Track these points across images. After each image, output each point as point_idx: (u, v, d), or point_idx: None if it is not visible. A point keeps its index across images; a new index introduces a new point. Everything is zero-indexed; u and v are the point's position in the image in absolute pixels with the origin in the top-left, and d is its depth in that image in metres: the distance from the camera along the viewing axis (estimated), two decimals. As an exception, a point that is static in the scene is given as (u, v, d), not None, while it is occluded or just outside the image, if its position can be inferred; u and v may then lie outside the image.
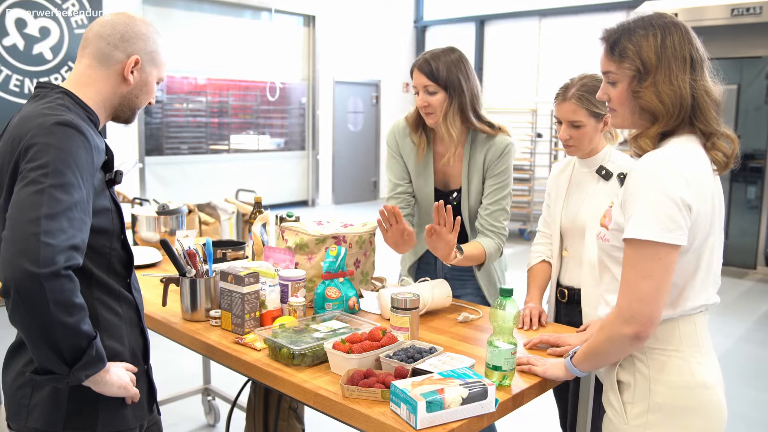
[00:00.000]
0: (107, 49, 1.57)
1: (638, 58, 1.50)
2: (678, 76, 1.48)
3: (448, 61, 2.35)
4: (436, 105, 2.36)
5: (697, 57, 1.51)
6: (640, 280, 1.43)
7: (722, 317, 5.65)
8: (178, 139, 9.75)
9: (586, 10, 10.36)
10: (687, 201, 1.43)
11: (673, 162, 1.46)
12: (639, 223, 1.43)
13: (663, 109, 1.50)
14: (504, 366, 1.63)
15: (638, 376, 1.57)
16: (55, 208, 1.31)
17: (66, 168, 1.36)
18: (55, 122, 1.40)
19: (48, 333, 1.30)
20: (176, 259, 2.09)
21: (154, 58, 1.63)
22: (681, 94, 1.49)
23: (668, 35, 1.50)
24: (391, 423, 1.43)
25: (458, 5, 11.94)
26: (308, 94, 11.33)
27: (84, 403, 1.48)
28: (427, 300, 2.18)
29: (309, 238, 2.24)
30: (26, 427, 1.49)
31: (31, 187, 1.32)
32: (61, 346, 1.32)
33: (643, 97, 1.51)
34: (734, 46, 7.33)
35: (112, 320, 1.56)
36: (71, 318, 1.31)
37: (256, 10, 10.28)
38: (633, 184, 1.47)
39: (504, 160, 2.42)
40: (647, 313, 1.43)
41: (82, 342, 1.35)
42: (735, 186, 7.49)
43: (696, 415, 1.53)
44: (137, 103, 1.65)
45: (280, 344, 1.75)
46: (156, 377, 1.75)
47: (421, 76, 2.36)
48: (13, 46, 6.34)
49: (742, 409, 3.92)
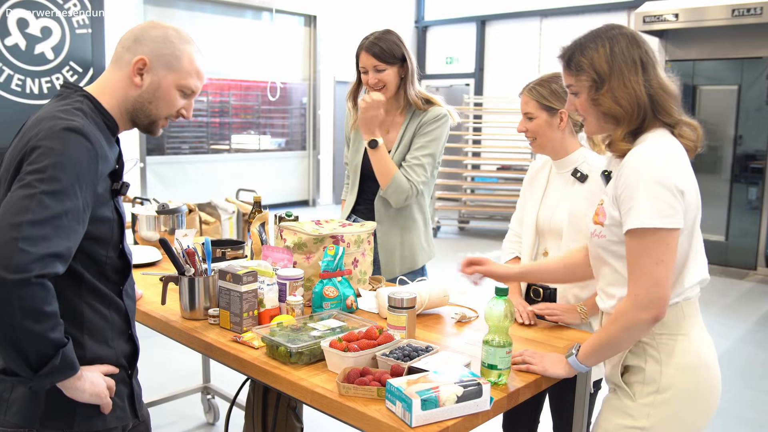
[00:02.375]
0: (121, 52, 1.57)
1: (592, 69, 1.63)
2: (631, 79, 1.61)
3: (391, 40, 2.65)
4: (388, 80, 2.64)
5: (646, 58, 1.63)
6: (653, 266, 1.53)
7: (722, 318, 5.66)
8: (179, 138, 9.76)
9: (588, 11, 10.36)
10: (680, 187, 1.54)
11: (662, 152, 1.57)
12: (641, 213, 1.53)
13: (622, 111, 1.62)
14: (499, 365, 1.64)
15: (649, 360, 1.66)
16: (42, 214, 1.30)
17: (64, 175, 1.35)
18: (64, 127, 1.39)
19: (13, 337, 1.29)
20: (175, 258, 2.10)
21: (170, 62, 1.57)
22: (636, 95, 1.61)
23: (616, 44, 1.62)
24: (386, 421, 1.45)
25: (459, 5, 11.94)
26: (309, 94, 11.33)
27: (61, 403, 1.47)
28: (424, 299, 2.19)
29: (307, 238, 2.26)
30: (5, 420, 1.49)
31: (24, 191, 1.32)
32: (26, 352, 1.31)
33: (602, 103, 1.63)
34: (735, 47, 7.34)
35: (99, 324, 1.55)
36: (38, 326, 1.30)
37: (257, 10, 10.29)
38: (627, 177, 1.57)
39: (432, 125, 2.67)
40: (663, 295, 1.54)
41: (49, 350, 1.33)
42: (736, 187, 7.49)
43: (697, 395, 1.66)
44: (152, 109, 1.59)
45: (278, 342, 1.76)
46: (155, 376, 1.76)
47: (370, 57, 2.64)
48: (14, 45, 6.36)
49: (742, 411, 3.92)
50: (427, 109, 2.70)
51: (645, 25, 7.51)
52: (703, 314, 1.74)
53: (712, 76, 7.57)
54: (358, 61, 2.70)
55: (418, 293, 2.12)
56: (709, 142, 7.66)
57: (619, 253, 1.65)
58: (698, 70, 7.61)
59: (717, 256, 7.57)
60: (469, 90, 11.71)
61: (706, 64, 7.57)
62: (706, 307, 5.94)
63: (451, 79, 12.04)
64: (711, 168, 7.69)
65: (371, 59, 2.63)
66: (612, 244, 1.66)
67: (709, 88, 7.61)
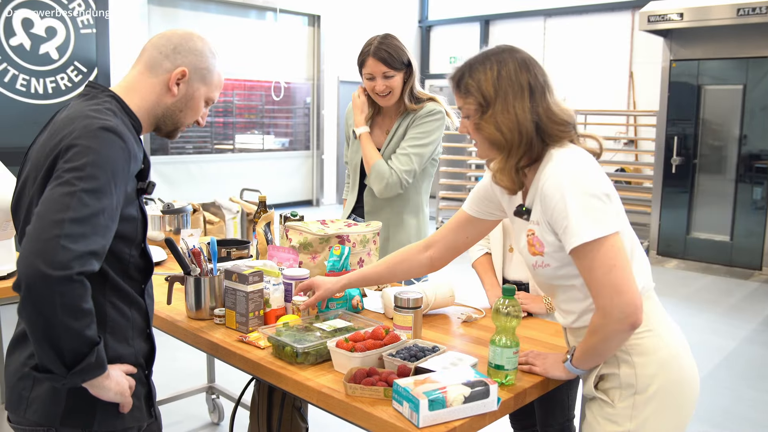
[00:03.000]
0: (159, 58, 1.59)
1: (479, 92, 1.57)
2: (515, 105, 1.55)
3: (396, 45, 2.60)
4: (395, 86, 2.61)
5: (536, 84, 1.57)
6: (607, 275, 1.48)
7: (727, 318, 5.64)
8: (183, 138, 9.76)
9: (591, 10, 10.35)
10: (606, 191, 1.51)
11: (576, 162, 1.54)
12: (579, 229, 1.48)
13: (502, 138, 1.56)
14: (506, 365, 1.64)
15: (622, 365, 1.62)
16: (82, 212, 1.32)
17: (101, 173, 1.37)
18: (100, 126, 1.41)
19: (51, 334, 1.31)
20: (181, 257, 2.10)
21: (204, 76, 1.63)
22: (518, 121, 1.55)
23: (503, 66, 1.57)
24: (393, 421, 1.44)
25: (463, 5, 11.94)
26: (313, 93, 11.34)
27: (82, 401, 1.48)
28: (430, 299, 2.18)
29: (313, 238, 2.25)
30: (25, 418, 1.49)
31: (63, 188, 1.33)
32: (63, 349, 1.33)
33: (483, 129, 1.58)
34: (740, 47, 7.31)
35: (120, 322, 1.56)
36: (77, 323, 1.32)
37: (261, 10, 10.29)
38: (551, 197, 1.52)
39: (425, 119, 2.65)
40: (630, 300, 1.48)
41: (84, 347, 1.35)
42: (740, 187, 7.46)
43: (675, 386, 1.62)
44: (180, 117, 1.64)
45: (284, 342, 1.76)
46: (160, 375, 1.76)
47: (378, 63, 2.58)
48: (19, 45, 6.36)
49: (746, 411, 3.91)
50: (423, 106, 2.68)
51: (650, 24, 7.49)
52: (707, 314, 1.74)
53: (717, 75, 7.55)
54: (362, 68, 2.66)
55: (424, 293, 2.12)
56: (713, 142, 7.65)
57: (569, 273, 1.60)
58: (703, 70, 7.59)
59: (722, 256, 7.55)
60: (473, 90, 11.70)
61: (711, 64, 7.55)
62: (711, 307, 5.97)
63: (454, 79, 12.03)
64: (716, 168, 7.67)
65: (379, 65, 2.59)
66: (559, 269, 1.60)
67: (714, 88, 7.59)
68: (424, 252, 1.96)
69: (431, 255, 1.95)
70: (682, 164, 7.77)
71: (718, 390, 4.18)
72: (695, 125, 7.70)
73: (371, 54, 2.59)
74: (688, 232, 7.83)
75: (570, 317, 1.68)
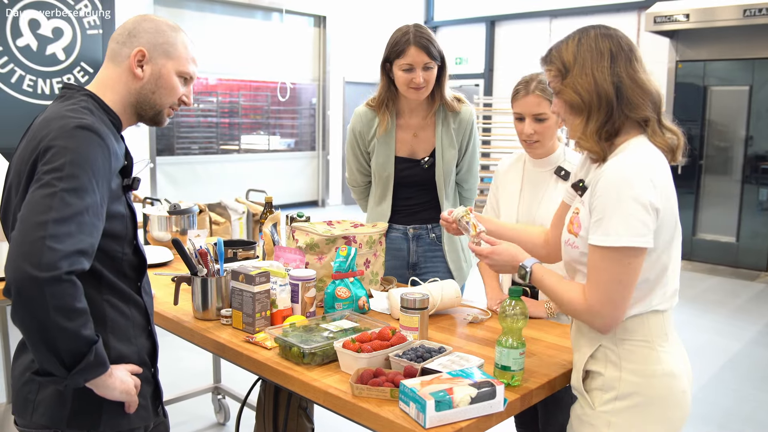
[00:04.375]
0: (117, 48, 1.59)
1: (559, 60, 1.60)
2: (593, 67, 1.56)
3: (431, 36, 2.47)
4: (431, 79, 2.49)
5: (617, 50, 1.58)
6: (610, 284, 1.50)
7: (733, 320, 5.63)
8: (189, 139, 9.78)
9: (597, 11, 10.33)
10: (655, 205, 1.49)
11: (640, 167, 1.51)
12: (611, 230, 1.47)
13: (580, 100, 1.57)
14: (513, 366, 1.64)
15: (609, 365, 1.62)
16: (65, 212, 1.31)
17: (81, 172, 1.36)
18: (75, 125, 1.41)
19: (47, 336, 1.30)
20: (188, 258, 2.11)
21: (167, 50, 1.60)
22: (596, 83, 1.55)
23: (585, 36, 1.60)
24: (400, 422, 1.44)
25: (469, 6, 11.93)
26: (318, 94, 11.35)
27: (88, 403, 1.49)
28: (437, 300, 2.19)
29: (319, 239, 2.26)
30: (32, 422, 1.50)
31: (44, 190, 1.33)
32: (60, 350, 1.32)
33: (563, 93, 1.60)
34: (747, 47, 7.30)
35: (120, 322, 1.56)
36: (71, 323, 1.31)
37: (267, 10, 10.30)
38: (603, 188, 1.51)
39: (472, 130, 2.66)
40: (615, 315, 1.52)
41: (82, 347, 1.35)
42: (746, 187, 7.45)
43: (660, 404, 1.59)
44: (155, 99, 1.62)
45: (291, 343, 1.76)
46: (166, 375, 1.76)
47: (421, 53, 2.42)
48: (26, 46, 6.39)
49: (751, 412, 3.91)
50: (459, 109, 2.62)
51: (656, 25, 7.48)
52: (713, 315, 1.72)
53: (723, 76, 7.54)
54: (400, 58, 2.45)
55: (431, 294, 2.12)
56: (719, 143, 7.64)
57: None
58: (709, 71, 7.57)
59: (728, 257, 7.54)
60: (479, 90, 11.70)
61: (717, 65, 7.53)
62: (717, 308, 5.95)
63: (460, 80, 12.02)
64: (722, 169, 7.66)
65: (422, 55, 2.41)
66: (584, 256, 1.59)
67: (720, 89, 7.58)
68: (543, 248, 1.95)
69: (548, 252, 1.95)
70: (687, 165, 7.70)
71: (723, 391, 4.17)
72: (701, 126, 7.68)
73: (413, 42, 2.41)
74: (694, 233, 7.81)
75: None
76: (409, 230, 2.70)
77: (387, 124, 2.61)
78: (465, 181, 2.72)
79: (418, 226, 2.69)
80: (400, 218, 2.72)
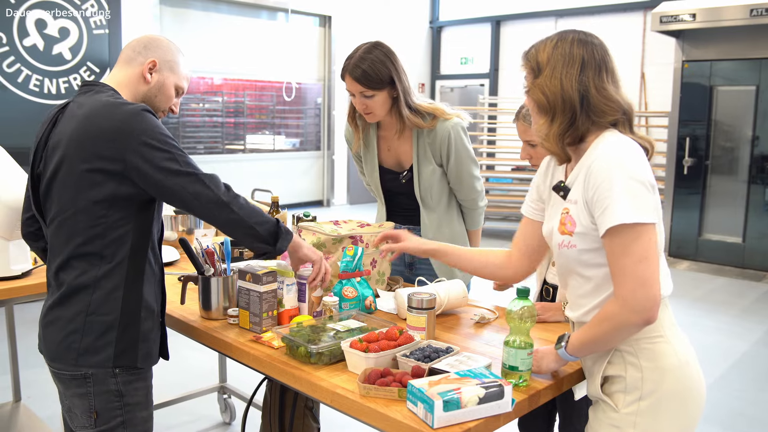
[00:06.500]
0: (132, 55, 1.89)
1: (534, 59, 1.64)
2: (563, 72, 1.58)
3: (377, 60, 2.39)
4: (375, 106, 2.44)
5: (588, 58, 1.59)
6: (636, 265, 1.47)
7: (739, 320, 5.61)
8: (194, 138, 9.81)
9: (603, 11, 10.32)
10: (651, 182, 1.53)
11: (629, 149, 1.55)
12: (619, 210, 1.47)
13: (546, 101, 1.60)
14: (520, 366, 1.63)
15: (629, 368, 1.62)
16: (188, 168, 1.73)
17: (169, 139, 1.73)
18: (141, 109, 1.71)
19: (253, 232, 1.82)
20: (195, 257, 2.11)
21: (172, 67, 1.92)
22: (563, 87, 1.58)
23: (562, 40, 1.62)
24: (407, 422, 1.44)
25: (474, 6, 11.93)
26: (324, 94, 11.36)
27: (128, 343, 1.77)
28: (443, 300, 2.18)
29: (326, 238, 2.26)
30: (77, 364, 1.73)
31: (179, 179, 1.71)
32: (263, 237, 1.84)
33: (532, 92, 1.64)
34: (753, 47, 7.27)
35: (150, 277, 1.83)
36: (261, 217, 1.83)
37: (273, 10, 10.32)
38: (598, 176, 1.52)
39: (449, 147, 2.53)
40: (652, 296, 1.48)
41: (272, 227, 1.84)
42: (752, 188, 7.42)
43: (683, 395, 1.61)
44: (156, 103, 1.91)
45: (298, 343, 1.76)
46: (172, 375, 1.79)
47: (354, 83, 2.40)
48: (33, 46, 6.40)
49: (757, 412, 3.90)
50: (433, 126, 2.51)
51: (662, 25, 7.46)
52: (719, 316, 1.73)
53: (729, 76, 7.51)
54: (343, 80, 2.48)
55: (438, 294, 2.12)
56: (726, 143, 7.61)
57: (591, 261, 1.59)
58: (715, 71, 7.55)
59: (734, 257, 7.51)
60: (484, 90, 11.70)
61: (724, 65, 7.51)
62: (723, 309, 5.94)
63: (465, 80, 12.02)
64: (728, 169, 7.63)
65: (355, 84, 2.40)
66: (583, 253, 1.59)
67: (727, 89, 7.55)
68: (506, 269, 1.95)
69: (514, 271, 1.94)
70: (694, 165, 7.73)
71: (729, 392, 4.16)
72: (707, 126, 7.66)
73: (348, 71, 2.41)
74: (700, 234, 7.79)
75: (580, 310, 1.67)
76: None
77: (360, 137, 2.64)
78: (457, 191, 2.68)
79: (411, 227, 2.68)
80: (396, 219, 2.77)
